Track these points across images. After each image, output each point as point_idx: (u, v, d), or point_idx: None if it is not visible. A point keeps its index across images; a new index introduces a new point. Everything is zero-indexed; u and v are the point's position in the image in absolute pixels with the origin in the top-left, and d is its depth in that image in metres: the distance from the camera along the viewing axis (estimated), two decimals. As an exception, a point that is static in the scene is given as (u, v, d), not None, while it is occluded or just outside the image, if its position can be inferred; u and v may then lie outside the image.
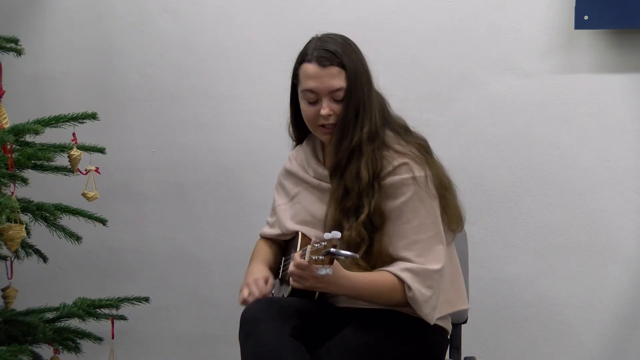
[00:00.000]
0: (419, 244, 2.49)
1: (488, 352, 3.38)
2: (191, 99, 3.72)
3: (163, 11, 3.71)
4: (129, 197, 3.80)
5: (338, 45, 2.54)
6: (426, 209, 2.51)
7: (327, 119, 2.54)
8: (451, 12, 3.41)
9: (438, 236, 2.52)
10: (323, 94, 2.53)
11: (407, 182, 2.51)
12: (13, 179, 2.70)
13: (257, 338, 2.38)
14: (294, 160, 2.75)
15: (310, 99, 2.55)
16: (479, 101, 3.40)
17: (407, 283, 2.46)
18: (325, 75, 2.52)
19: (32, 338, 2.91)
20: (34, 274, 3.58)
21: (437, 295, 2.50)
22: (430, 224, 2.51)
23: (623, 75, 3.25)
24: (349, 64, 2.52)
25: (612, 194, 3.29)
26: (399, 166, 2.52)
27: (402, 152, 2.54)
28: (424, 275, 2.47)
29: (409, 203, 2.50)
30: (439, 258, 2.50)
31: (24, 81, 3.81)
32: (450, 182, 2.60)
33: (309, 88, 2.54)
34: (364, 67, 2.57)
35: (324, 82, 2.52)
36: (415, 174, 2.51)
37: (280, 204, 2.75)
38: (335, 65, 2.52)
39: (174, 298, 3.78)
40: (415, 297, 2.47)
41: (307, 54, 2.56)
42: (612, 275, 3.30)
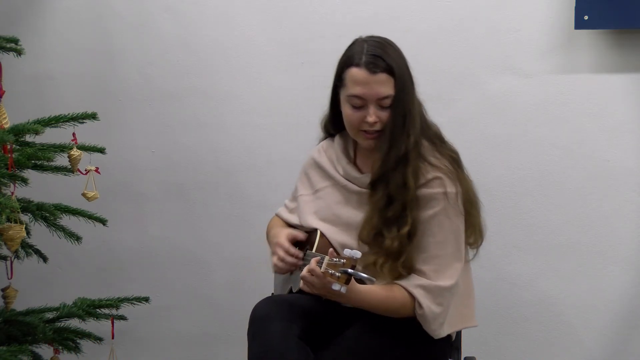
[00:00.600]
0: (437, 259, 2.49)
1: (488, 352, 3.38)
2: (191, 99, 3.72)
3: (163, 11, 3.71)
4: (129, 197, 3.80)
5: (386, 50, 2.51)
6: (451, 226, 2.51)
7: (372, 126, 2.51)
8: (451, 12, 3.41)
9: (458, 254, 2.52)
10: (370, 101, 2.49)
11: (438, 196, 2.50)
12: (13, 179, 2.70)
13: (265, 338, 2.38)
14: (323, 153, 2.73)
15: (356, 104, 2.51)
16: (479, 101, 3.40)
17: (419, 300, 2.47)
18: (374, 81, 2.48)
19: (32, 338, 2.91)
20: (34, 274, 3.58)
21: (446, 312, 2.50)
22: (452, 241, 2.51)
23: (623, 75, 3.25)
24: (397, 71, 2.49)
25: (612, 194, 3.29)
26: (433, 179, 2.51)
27: (436, 166, 2.52)
28: (435, 293, 2.48)
29: (436, 217, 2.50)
30: (453, 275, 2.50)
31: (24, 81, 3.81)
32: (477, 198, 2.60)
33: (357, 94, 2.50)
34: (409, 73, 2.55)
35: (373, 89, 2.48)
36: (447, 189, 2.50)
37: (303, 194, 2.73)
38: (384, 72, 2.48)
39: (174, 298, 3.78)
40: (424, 314, 2.48)
41: (354, 58, 2.51)
42: (612, 276, 3.30)
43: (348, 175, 2.64)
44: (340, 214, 2.61)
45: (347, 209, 2.61)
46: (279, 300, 2.51)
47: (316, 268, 2.36)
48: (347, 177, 2.64)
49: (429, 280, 2.47)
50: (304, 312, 2.47)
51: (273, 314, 2.42)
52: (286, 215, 2.80)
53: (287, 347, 2.37)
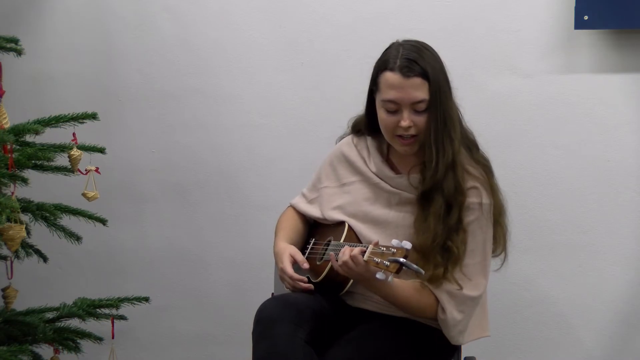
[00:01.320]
0: (466, 267, 2.50)
1: (488, 352, 3.38)
2: (191, 99, 3.71)
3: (163, 11, 3.71)
4: (129, 197, 3.80)
5: (421, 54, 2.50)
6: (482, 237, 2.52)
7: (407, 131, 2.50)
8: (451, 12, 3.41)
9: (485, 264, 2.54)
10: (404, 105, 2.48)
11: (474, 206, 2.51)
12: (13, 179, 2.70)
13: (271, 340, 2.37)
14: (354, 147, 2.71)
15: (390, 108, 2.51)
16: (479, 101, 3.40)
17: (443, 305, 2.48)
18: (408, 86, 2.47)
19: (32, 338, 2.91)
20: (34, 274, 3.58)
21: (467, 321, 2.52)
22: (481, 252, 2.52)
23: (623, 75, 3.25)
24: (432, 76, 2.48)
25: (612, 194, 3.29)
26: (470, 189, 2.51)
27: (474, 175, 2.53)
28: (460, 300, 2.49)
29: (469, 226, 2.50)
30: (479, 286, 2.52)
31: (24, 81, 3.81)
32: (505, 209, 2.60)
33: (391, 98, 2.49)
34: (445, 78, 2.54)
35: (407, 93, 2.47)
36: (482, 200, 2.52)
37: (327, 186, 2.72)
38: (418, 77, 2.47)
39: (174, 298, 3.78)
40: (446, 320, 2.49)
41: (389, 62, 2.51)
42: (612, 275, 3.30)
43: (381, 174, 2.63)
44: (369, 211, 2.60)
45: (376, 206, 2.60)
46: (286, 301, 2.50)
47: (359, 257, 2.35)
48: (380, 175, 2.63)
49: (457, 288, 2.48)
50: (312, 315, 2.46)
51: (280, 316, 2.41)
52: (304, 206, 2.76)
53: (293, 351, 2.36)
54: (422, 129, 2.50)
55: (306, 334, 2.40)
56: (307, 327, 2.41)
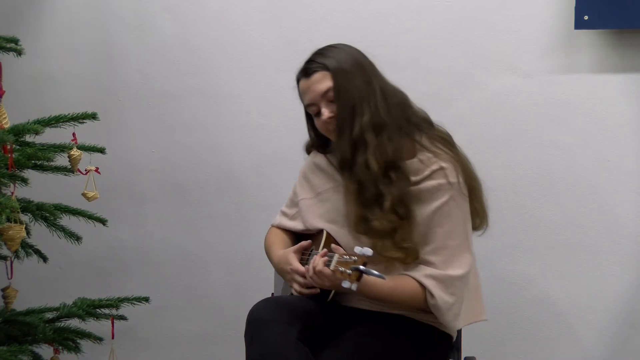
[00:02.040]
0: (446, 249, 2.49)
1: (488, 352, 3.38)
2: (191, 99, 3.72)
3: (163, 11, 3.71)
4: (129, 197, 3.80)
5: (322, 53, 2.59)
6: (458, 216, 2.51)
7: (332, 123, 2.53)
8: (451, 12, 3.41)
9: (466, 244, 2.52)
10: (318, 101, 2.55)
11: (443, 187, 2.50)
12: (13, 179, 2.70)
13: (264, 341, 2.37)
14: (322, 156, 2.72)
15: (313, 111, 2.58)
16: (479, 101, 3.40)
17: (430, 290, 2.46)
18: (312, 83, 2.56)
19: (32, 338, 2.91)
20: (34, 274, 3.58)
21: (460, 303, 2.50)
22: (460, 232, 2.51)
23: (623, 75, 3.25)
24: (331, 63, 2.54)
25: (612, 194, 3.29)
26: (436, 171, 2.51)
27: (436, 153, 2.53)
28: (447, 282, 2.47)
29: (443, 207, 2.50)
30: (463, 265, 2.50)
31: (24, 81, 3.81)
32: (477, 178, 2.59)
33: (306, 102, 2.58)
34: (354, 62, 2.56)
35: (313, 90, 2.55)
36: (450, 179, 2.50)
37: (304, 198, 2.72)
38: (318, 71, 2.55)
39: (174, 298, 3.78)
40: (437, 304, 2.46)
41: (297, 73, 2.62)
42: (612, 275, 3.30)
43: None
44: (347, 215, 2.59)
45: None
46: (277, 302, 2.50)
47: (324, 269, 2.37)
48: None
49: (439, 270, 2.47)
50: (303, 314, 2.46)
51: (271, 316, 2.41)
52: (287, 223, 2.77)
53: (287, 349, 2.36)
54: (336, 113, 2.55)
55: (298, 332, 2.40)
56: (298, 326, 2.41)
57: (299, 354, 2.36)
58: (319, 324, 2.49)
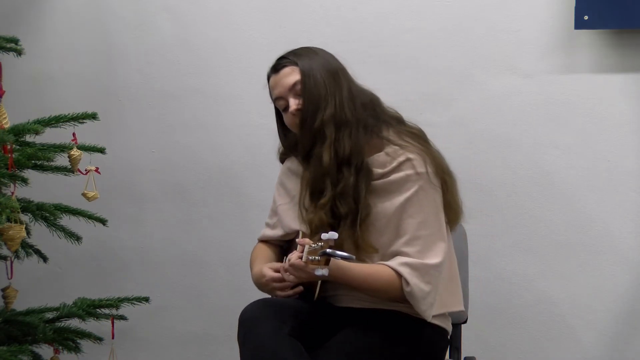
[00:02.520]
0: (420, 239, 2.49)
1: (488, 352, 3.38)
2: (191, 99, 3.72)
3: (163, 11, 3.71)
4: (129, 197, 3.80)
5: (292, 51, 2.65)
6: (430, 205, 2.51)
7: (298, 115, 2.56)
8: (451, 12, 3.41)
9: (440, 233, 2.52)
10: (286, 95, 2.58)
11: (412, 178, 2.51)
12: (13, 179, 2.70)
13: (256, 338, 2.38)
14: (294, 159, 2.73)
15: (281, 106, 2.61)
16: (479, 101, 3.40)
17: (405, 277, 2.46)
18: (280, 77, 2.60)
19: (32, 338, 2.91)
20: (34, 274, 3.58)
21: (435, 292, 2.49)
22: (433, 221, 2.51)
23: (623, 75, 3.25)
24: (300, 60, 2.59)
25: (613, 193, 3.29)
26: (403, 162, 2.52)
27: (403, 145, 2.54)
28: (422, 270, 2.47)
29: (413, 198, 2.50)
30: (438, 254, 2.50)
31: (24, 81, 3.81)
32: (450, 172, 2.59)
33: (275, 96, 2.61)
34: (323, 60, 2.61)
35: (282, 84, 2.58)
36: (418, 169, 2.51)
37: (281, 204, 2.74)
38: (287, 65, 2.60)
39: (174, 298, 3.78)
40: (413, 292, 2.46)
41: (268, 72, 2.66)
42: (612, 276, 3.30)
43: None
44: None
45: None
46: (267, 302, 2.51)
47: (296, 261, 2.39)
48: None
49: (414, 258, 2.48)
50: (294, 313, 2.47)
51: (262, 315, 2.42)
52: (270, 233, 2.79)
53: (279, 345, 2.37)
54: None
55: (290, 328, 2.41)
56: (289, 323, 2.42)
57: (291, 347, 2.37)
58: (311, 323, 2.49)
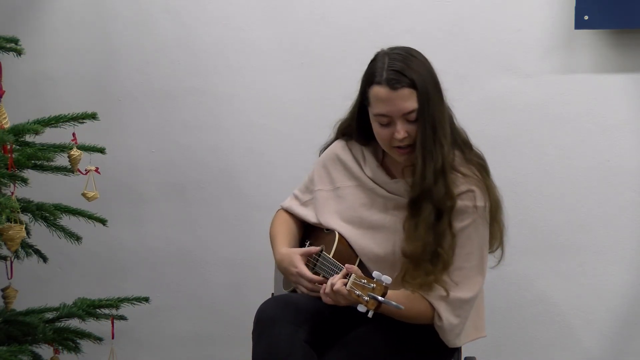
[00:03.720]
0: (461, 271, 2.50)
1: (488, 352, 3.38)
2: (191, 99, 3.71)
3: (163, 11, 3.71)
4: (129, 197, 3.80)
5: (407, 63, 2.48)
6: (478, 239, 2.52)
7: (402, 142, 2.48)
8: (451, 11, 3.41)
9: (481, 267, 2.53)
10: (396, 117, 2.46)
11: (469, 210, 2.50)
12: (13, 179, 2.70)
13: (271, 341, 2.37)
14: (348, 151, 2.69)
15: (383, 122, 2.49)
16: (479, 101, 3.40)
17: (439, 313, 2.48)
18: (396, 98, 2.45)
19: (32, 338, 2.91)
20: (34, 274, 3.58)
21: (463, 324, 2.52)
22: (477, 254, 2.52)
23: (623, 75, 3.25)
24: (419, 83, 2.46)
25: (612, 194, 3.29)
26: (465, 192, 2.50)
27: (468, 176, 2.52)
28: (456, 305, 2.49)
29: (465, 230, 2.50)
30: (474, 287, 2.51)
31: (24, 81, 3.81)
32: (501, 206, 2.59)
33: (382, 112, 2.47)
34: (434, 83, 2.52)
35: (396, 105, 2.45)
36: (477, 203, 2.51)
37: (321, 189, 2.69)
38: (406, 87, 2.45)
39: (174, 298, 3.78)
40: (443, 326, 2.49)
41: (375, 75, 2.49)
42: (612, 275, 3.30)
43: (377, 179, 2.61)
44: (365, 217, 2.59)
45: (372, 211, 2.59)
46: (286, 301, 2.49)
47: (342, 289, 2.33)
48: (376, 181, 2.61)
49: (451, 292, 2.47)
50: (311, 315, 2.46)
51: (280, 317, 2.41)
52: (298, 209, 2.74)
53: (293, 352, 2.36)
54: (417, 138, 2.49)
55: (306, 334, 2.40)
56: (307, 328, 2.41)
57: (304, 357, 2.36)
58: (327, 325, 2.49)
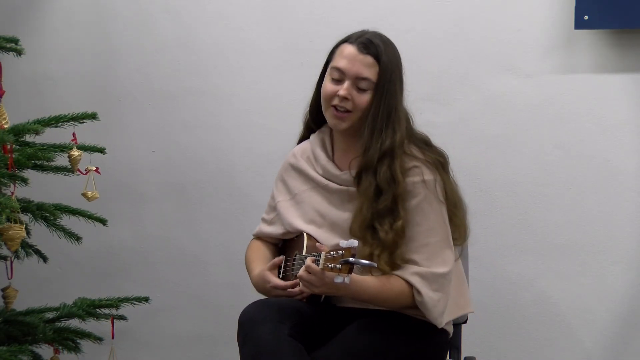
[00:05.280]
0: (428, 247, 2.50)
1: (488, 352, 3.38)
2: (191, 99, 3.72)
3: (163, 11, 3.71)
4: (129, 197, 3.80)
5: (383, 42, 2.56)
6: (435, 213, 2.53)
7: (342, 102, 2.54)
8: (451, 12, 3.41)
9: (446, 241, 2.54)
10: (349, 77, 2.53)
11: (418, 185, 2.52)
12: (13, 179, 2.70)
13: (256, 340, 2.38)
14: (299, 157, 2.73)
15: (335, 76, 2.56)
16: (479, 101, 3.40)
17: (417, 287, 2.47)
18: (359, 60, 2.53)
19: (32, 338, 2.91)
20: (34, 274, 3.58)
21: (445, 299, 2.51)
22: (438, 228, 2.53)
23: (623, 75, 3.25)
24: (384, 62, 2.53)
25: (612, 194, 3.29)
26: (411, 168, 2.53)
27: (416, 157, 2.55)
28: (432, 279, 2.49)
29: (419, 206, 2.51)
30: (446, 262, 2.51)
31: (24, 81, 3.81)
32: (461, 201, 2.61)
33: (339, 66, 2.55)
34: (398, 76, 2.58)
35: (355, 66, 2.53)
36: (424, 177, 2.52)
37: (280, 201, 2.73)
38: (372, 57, 2.53)
39: (174, 298, 3.78)
40: (424, 301, 2.48)
41: (350, 37, 2.58)
42: (612, 275, 3.30)
43: (327, 174, 2.64)
44: (325, 214, 2.61)
45: (331, 208, 2.61)
46: (267, 302, 2.51)
47: (313, 265, 2.36)
48: (327, 176, 2.64)
49: (424, 268, 2.48)
50: (294, 313, 2.47)
51: (262, 316, 2.42)
52: (268, 229, 2.78)
53: (279, 346, 2.37)
54: (358, 107, 2.53)
55: (289, 328, 2.41)
56: (289, 323, 2.42)
57: (291, 349, 2.37)
58: (310, 323, 2.49)
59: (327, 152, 2.67)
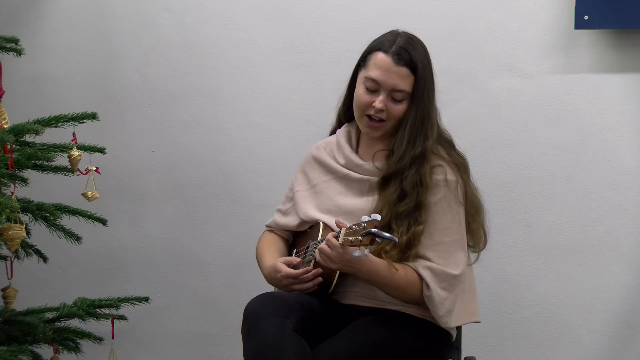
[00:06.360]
0: (442, 245, 2.52)
1: (488, 352, 3.38)
2: (191, 99, 3.71)
3: (163, 11, 3.71)
4: (129, 197, 3.80)
5: (416, 48, 2.56)
6: (452, 213, 2.54)
7: (378, 113, 2.55)
8: (451, 12, 3.41)
9: (461, 242, 2.55)
10: (384, 88, 2.54)
11: (440, 183, 2.54)
12: (13, 179, 2.70)
13: (259, 333, 2.39)
14: (322, 150, 2.74)
15: (370, 87, 2.56)
16: (479, 101, 3.40)
17: (427, 281, 2.49)
18: (395, 71, 2.54)
19: (32, 338, 2.91)
20: (34, 274, 3.58)
21: (453, 300, 2.52)
22: (454, 229, 2.54)
23: (623, 75, 3.25)
24: (420, 72, 2.55)
25: (612, 194, 3.29)
26: (435, 167, 2.55)
27: (441, 156, 2.57)
28: (442, 277, 2.50)
29: (438, 204, 2.53)
30: (458, 264, 2.53)
31: (24, 81, 3.81)
32: (481, 205, 2.63)
33: (374, 77, 2.55)
34: (431, 78, 2.61)
35: (391, 78, 2.53)
36: (447, 177, 2.55)
37: (299, 190, 2.74)
38: (407, 67, 2.54)
39: (174, 298, 3.78)
40: (432, 296, 2.49)
41: (384, 44, 2.57)
42: (612, 275, 3.30)
43: (350, 164, 2.66)
44: (342, 204, 2.62)
45: (349, 198, 2.62)
46: (272, 296, 2.52)
47: (334, 240, 2.38)
48: (349, 166, 2.66)
49: (436, 264, 2.50)
50: (299, 308, 2.48)
51: (266, 310, 2.43)
52: (281, 220, 2.79)
53: (283, 341, 2.38)
54: (393, 117, 2.56)
55: (294, 323, 2.42)
56: (294, 318, 2.43)
57: (294, 344, 2.38)
58: (315, 317, 2.50)
59: (352, 145, 2.69)
